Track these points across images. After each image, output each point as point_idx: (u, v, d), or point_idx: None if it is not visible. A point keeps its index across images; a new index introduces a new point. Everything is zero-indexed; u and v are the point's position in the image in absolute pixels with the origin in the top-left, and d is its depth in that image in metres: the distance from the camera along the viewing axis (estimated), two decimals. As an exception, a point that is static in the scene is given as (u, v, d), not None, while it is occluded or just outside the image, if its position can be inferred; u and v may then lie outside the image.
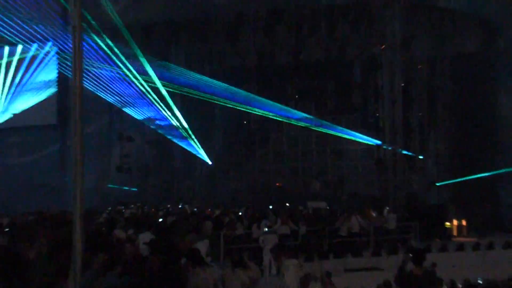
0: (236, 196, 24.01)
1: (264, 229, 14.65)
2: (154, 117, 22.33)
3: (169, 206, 19.94)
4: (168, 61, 21.27)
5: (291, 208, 18.68)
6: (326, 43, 21.69)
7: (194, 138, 22.63)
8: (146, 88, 20.04)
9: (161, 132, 23.73)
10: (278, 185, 24.56)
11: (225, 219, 15.89)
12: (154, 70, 19.45)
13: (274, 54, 22.51)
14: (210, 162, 24.31)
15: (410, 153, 21.26)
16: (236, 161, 25.44)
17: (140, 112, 22.33)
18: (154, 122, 23.33)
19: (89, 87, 18.85)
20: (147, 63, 19.01)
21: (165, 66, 20.28)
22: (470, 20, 21.31)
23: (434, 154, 21.79)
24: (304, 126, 23.37)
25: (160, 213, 17.33)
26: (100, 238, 11.45)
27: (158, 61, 20.04)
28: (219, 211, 17.37)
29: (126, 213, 17.69)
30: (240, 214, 17.12)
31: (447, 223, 18.79)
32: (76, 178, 6.99)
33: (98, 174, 22.16)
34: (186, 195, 24.15)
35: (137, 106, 21.81)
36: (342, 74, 23.34)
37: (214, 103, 21.90)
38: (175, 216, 16.56)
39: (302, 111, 23.33)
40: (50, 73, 24.30)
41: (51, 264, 8.63)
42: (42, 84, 24.29)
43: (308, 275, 7.20)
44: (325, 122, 23.02)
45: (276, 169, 25.35)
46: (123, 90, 20.62)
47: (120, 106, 22.17)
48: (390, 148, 20.95)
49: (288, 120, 22.74)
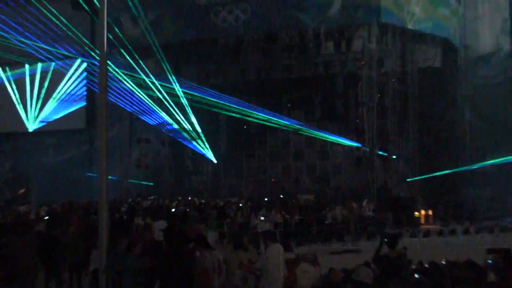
0: (237, 190, 24.03)
1: (260, 217, 14.70)
2: (166, 122, 22.32)
3: (180, 198, 19.89)
4: (181, 76, 21.28)
5: (284, 200, 18.70)
6: (313, 61, 21.86)
7: (204, 140, 22.67)
8: (166, 97, 20.13)
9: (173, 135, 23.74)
10: (273, 180, 24.55)
11: (227, 209, 15.91)
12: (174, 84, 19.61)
13: (270, 70, 22.64)
14: (216, 161, 24.28)
15: (385, 153, 21.28)
16: (237, 160, 25.48)
17: (156, 118, 22.34)
18: (168, 127, 23.28)
19: (112, 99, 18.79)
20: (173, 79, 19.12)
21: (180, 82, 20.30)
22: (434, 40, 21.58)
23: (405, 154, 21.81)
24: (295, 131, 23.46)
25: (172, 204, 17.33)
26: (122, 225, 11.48)
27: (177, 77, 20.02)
28: (223, 203, 17.39)
29: (144, 204, 17.69)
30: (240, 205, 17.15)
31: (416, 213, 18.78)
32: (101, 174, 7.05)
33: (120, 171, 22.09)
34: (194, 189, 24.13)
35: (154, 113, 21.84)
36: (327, 87, 23.42)
37: (220, 112, 21.96)
38: (185, 206, 16.57)
39: (294, 118, 23.48)
40: (80, 88, 24.40)
41: (81, 245, 8.67)
42: (74, 97, 24.39)
43: (298, 257, 7.17)
44: (312, 127, 23.14)
45: (271, 167, 25.38)
46: (141, 100, 20.70)
47: (137, 113, 22.23)
48: (368, 149, 21.00)
49: (282, 125, 22.79)
